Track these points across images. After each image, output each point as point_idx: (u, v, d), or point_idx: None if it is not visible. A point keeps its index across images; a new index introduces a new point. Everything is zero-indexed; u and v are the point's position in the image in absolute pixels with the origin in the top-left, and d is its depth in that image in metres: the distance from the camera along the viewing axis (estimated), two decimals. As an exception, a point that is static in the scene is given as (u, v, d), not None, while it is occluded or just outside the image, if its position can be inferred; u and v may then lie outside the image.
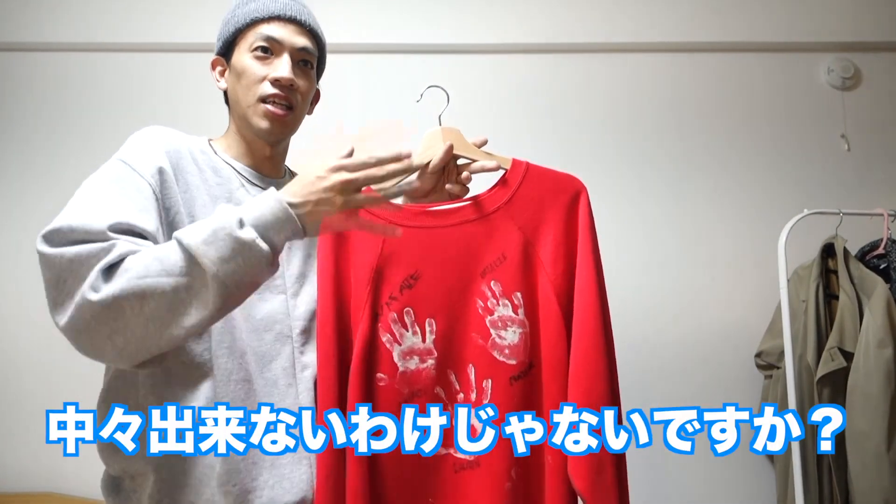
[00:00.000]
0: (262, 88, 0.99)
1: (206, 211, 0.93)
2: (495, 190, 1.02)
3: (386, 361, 0.97)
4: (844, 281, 1.63)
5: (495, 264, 0.99)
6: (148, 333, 0.78)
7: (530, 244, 0.99)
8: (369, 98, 2.05)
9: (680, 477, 1.90)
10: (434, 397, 0.97)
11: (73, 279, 0.78)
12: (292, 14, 1.02)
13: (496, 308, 0.98)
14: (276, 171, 1.08)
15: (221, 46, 1.06)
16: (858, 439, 1.52)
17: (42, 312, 0.86)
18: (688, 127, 2.06)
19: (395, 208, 1.01)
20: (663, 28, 2.06)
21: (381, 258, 0.99)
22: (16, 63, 2.03)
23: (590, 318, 0.95)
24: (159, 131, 0.98)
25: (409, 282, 0.99)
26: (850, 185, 2.02)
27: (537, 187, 1.01)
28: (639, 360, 1.94)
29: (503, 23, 2.06)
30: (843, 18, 2.06)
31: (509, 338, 0.97)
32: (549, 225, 0.99)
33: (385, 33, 2.04)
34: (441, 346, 0.98)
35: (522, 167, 1.03)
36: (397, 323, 0.98)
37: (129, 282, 0.76)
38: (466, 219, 1.01)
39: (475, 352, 0.98)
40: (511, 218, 1.00)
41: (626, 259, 1.98)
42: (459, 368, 0.98)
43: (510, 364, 0.96)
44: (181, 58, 2.03)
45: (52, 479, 1.80)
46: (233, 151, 1.05)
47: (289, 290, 1.00)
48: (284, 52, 1.01)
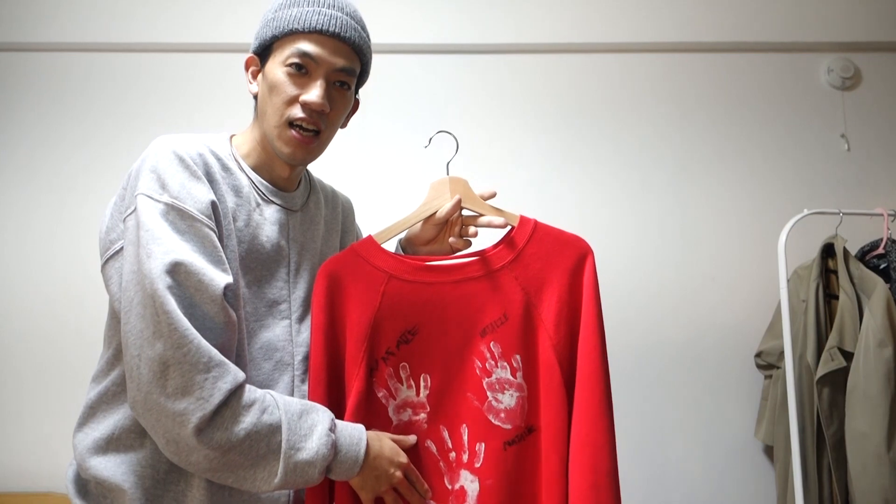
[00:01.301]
0: (291, 111, 0.93)
1: (231, 238, 0.91)
2: (501, 248, 1.00)
3: (381, 417, 0.97)
4: (844, 281, 1.63)
5: (496, 324, 0.97)
6: (210, 472, 0.82)
7: (533, 305, 0.97)
8: (369, 98, 2.04)
9: (680, 477, 1.90)
10: (426, 450, 0.96)
11: (179, 382, 0.78)
12: (335, 30, 0.94)
13: (494, 370, 0.96)
14: (292, 185, 1.04)
15: (258, 46, 0.98)
16: (858, 439, 1.52)
17: (42, 313, 0.85)
18: (688, 127, 2.06)
19: (395, 261, 0.99)
20: (663, 28, 2.06)
21: (378, 311, 0.97)
22: (16, 63, 2.03)
23: (595, 387, 0.92)
24: (187, 148, 0.89)
25: (407, 337, 0.98)
26: (850, 185, 2.02)
27: (544, 247, 0.99)
28: (639, 361, 1.94)
29: (503, 23, 2.06)
30: (843, 18, 2.06)
31: (506, 401, 0.95)
32: (553, 287, 0.96)
33: (385, 33, 2.04)
34: (434, 401, 0.97)
35: (530, 225, 1.00)
36: (392, 378, 0.97)
37: (224, 444, 0.79)
38: (469, 276, 0.98)
39: (469, 413, 0.96)
40: (515, 278, 0.97)
41: (626, 259, 1.98)
42: (452, 426, 0.97)
43: (505, 429, 0.95)
44: (182, 58, 2.03)
45: (52, 479, 1.80)
46: (252, 161, 1.00)
47: (294, 315, 0.98)
48: (320, 73, 0.93)
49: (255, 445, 0.80)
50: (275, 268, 0.97)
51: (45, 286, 1.91)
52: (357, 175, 1.95)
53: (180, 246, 0.81)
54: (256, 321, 0.94)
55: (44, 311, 1.90)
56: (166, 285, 0.79)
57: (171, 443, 0.79)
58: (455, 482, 0.95)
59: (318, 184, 1.14)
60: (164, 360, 0.77)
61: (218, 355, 0.80)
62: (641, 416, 1.92)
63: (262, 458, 0.81)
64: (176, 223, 0.83)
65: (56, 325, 1.88)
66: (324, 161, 1.06)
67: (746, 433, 1.91)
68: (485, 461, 0.94)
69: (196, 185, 0.87)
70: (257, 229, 0.96)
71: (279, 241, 0.98)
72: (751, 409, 1.92)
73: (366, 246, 1.01)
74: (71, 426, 0.93)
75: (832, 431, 1.60)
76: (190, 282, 0.80)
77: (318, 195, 1.11)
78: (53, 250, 1.93)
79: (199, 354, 0.78)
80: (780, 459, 1.72)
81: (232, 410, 0.80)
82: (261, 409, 0.82)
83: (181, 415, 0.77)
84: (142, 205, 0.84)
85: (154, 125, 1.98)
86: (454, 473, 0.96)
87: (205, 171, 0.89)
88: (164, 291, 0.78)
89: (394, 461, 0.91)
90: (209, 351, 0.79)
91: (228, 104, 1.82)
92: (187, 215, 0.84)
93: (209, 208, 0.86)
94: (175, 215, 0.83)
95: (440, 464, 0.96)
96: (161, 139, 0.91)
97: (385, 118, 2.02)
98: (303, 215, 1.05)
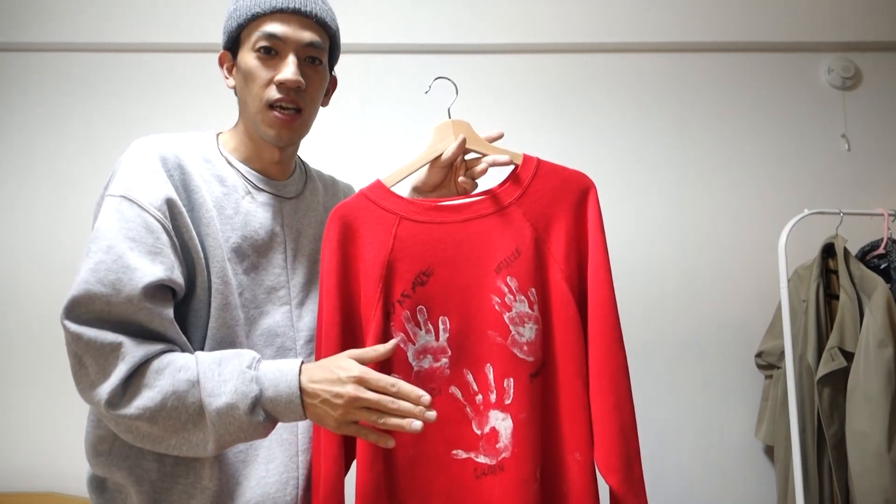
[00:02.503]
0: (268, 93, 0.94)
1: (211, 226, 0.92)
2: (507, 185, 1.00)
3: (400, 361, 0.95)
4: (845, 281, 1.63)
5: (510, 260, 0.96)
6: (152, 443, 0.84)
7: (541, 240, 0.98)
8: (369, 98, 2.05)
9: (680, 477, 1.90)
10: (449, 397, 0.95)
11: (94, 370, 0.81)
12: (296, 5, 0.94)
13: (514, 304, 0.95)
14: (284, 174, 1.05)
15: (227, 41, 1.00)
16: (859, 439, 1.52)
17: (41, 313, 0.86)
18: (688, 127, 2.05)
19: (405, 203, 0.99)
20: (663, 28, 2.06)
21: (392, 254, 0.96)
22: (16, 63, 2.03)
23: (607, 315, 0.95)
24: (157, 147, 0.92)
25: (422, 278, 0.96)
26: (851, 185, 2.02)
27: (548, 183, 1.00)
28: (639, 361, 1.94)
29: (503, 23, 2.06)
30: (843, 18, 2.06)
31: (527, 334, 0.95)
32: (560, 221, 0.98)
33: (385, 33, 2.04)
34: (455, 344, 0.95)
35: (534, 163, 1.02)
36: (410, 321, 0.96)
37: (143, 412, 0.80)
38: (479, 214, 0.98)
39: (493, 350, 0.95)
40: (524, 213, 0.98)
41: (626, 259, 1.98)
42: (477, 368, 0.95)
43: (529, 361, 0.94)
44: (181, 58, 2.03)
45: (52, 479, 1.80)
46: (240, 154, 1.01)
47: (294, 301, 0.99)
48: (289, 51, 0.94)
49: (178, 405, 0.80)
50: (271, 254, 0.98)
51: (45, 287, 1.91)
52: (357, 174, 1.95)
53: (117, 240, 0.84)
54: (256, 308, 0.95)
55: (44, 311, 1.90)
56: (84, 290, 0.81)
57: (112, 426, 0.83)
58: (484, 426, 0.94)
59: (314, 173, 1.15)
60: (77, 355, 0.82)
61: (117, 337, 0.81)
62: (642, 415, 1.91)
63: (190, 418, 0.81)
64: (123, 212, 0.85)
65: (56, 326, 1.87)
66: (324, 162, 1.06)
67: (746, 433, 1.91)
68: (515, 396, 0.93)
69: (152, 178, 0.88)
70: (248, 217, 0.96)
71: (273, 228, 0.99)
72: (751, 409, 1.92)
73: (375, 189, 1.00)
74: (72, 426, 0.94)
75: (833, 431, 1.60)
76: (108, 280, 0.82)
77: (315, 183, 1.12)
78: (54, 250, 1.94)
79: (98, 341, 0.80)
80: (781, 459, 1.72)
81: (141, 377, 0.81)
82: (176, 369, 0.82)
83: (96, 397, 0.80)
84: (102, 204, 0.88)
85: (155, 125, 1.98)
86: (482, 417, 0.94)
87: (175, 165, 0.91)
88: (82, 294, 0.81)
89: (339, 377, 0.81)
90: (107, 336, 0.81)
91: (230, 103, 1.82)
92: (136, 205, 0.86)
93: (163, 202, 0.87)
94: (125, 205, 0.86)
95: (467, 409, 0.95)
96: (136, 141, 0.93)
97: (385, 118, 2.03)
98: (298, 202, 1.05)
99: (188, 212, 0.90)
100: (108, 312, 0.81)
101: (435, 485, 0.93)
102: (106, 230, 0.84)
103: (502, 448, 0.93)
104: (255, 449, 0.92)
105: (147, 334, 0.83)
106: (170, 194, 0.88)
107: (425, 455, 0.93)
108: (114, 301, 0.81)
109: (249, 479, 0.90)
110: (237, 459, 0.91)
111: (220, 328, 0.90)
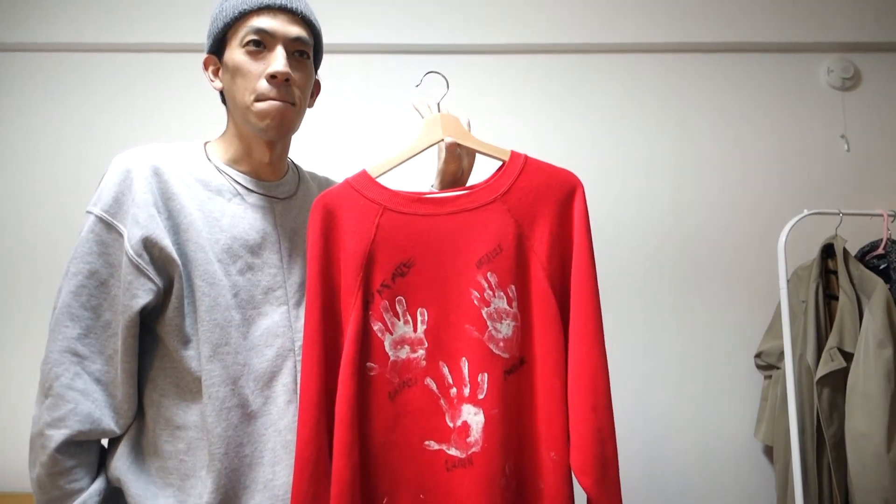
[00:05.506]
0: (258, 86, 0.95)
1: (192, 231, 0.92)
2: (493, 181, 1.01)
3: (377, 350, 0.95)
4: (844, 281, 1.63)
5: (491, 255, 0.97)
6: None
7: (525, 237, 0.97)
8: (369, 98, 2.05)
9: (680, 477, 1.90)
10: (424, 388, 0.95)
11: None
12: (282, 2, 0.96)
13: (492, 300, 0.96)
14: (276, 174, 1.05)
15: (212, 44, 1.00)
16: (858, 440, 1.52)
17: (41, 315, 0.88)
18: (687, 127, 2.06)
19: (390, 194, 0.99)
20: (663, 28, 2.06)
21: (373, 244, 0.96)
22: (16, 63, 2.03)
23: (589, 315, 0.95)
24: (136, 158, 0.95)
25: (402, 269, 0.97)
26: (850, 185, 2.02)
27: (534, 181, 1.00)
28: (638, 361, 1.95)
29: (503, 23, 2.06)
30: (843, 18, 2.06)
31: (504, 331, 0.95)
32: (545, 219, 0.98)
33: (385, 33, 2.04)
34: (432, 336, 0.96)
35: (521, 160, 1.02)
36: (388, 311, 0.96)
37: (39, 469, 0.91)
38: (464, 208, 0.99)
39: (469, 344, 0.95)
40: (508, 210, 0.98)
41: (625, 259, 1.98)
42: (452, 361, 0.96)
43: (504, 357, 0.94)
44: (181, 58, 2.03)
45: (52, 479, 1.80)
46: (230, 156, 1.02)
47: (290, 301, 0.99)
48: (278, 44, 0.96)
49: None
50: (265, 255, 0.99)
51: (45, 287, 1.91)
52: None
53: (91, 264, 0.90)
54: (254, 308, 0.95)
55: (44, 313, 1.89)
56: (64, 309, 0.89)
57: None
58: (456, 419, 0.94)
59: (308, 174, 1.15)
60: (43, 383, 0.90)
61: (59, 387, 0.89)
62: (642, 416, 1.92)
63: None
64: (100, 235, 0.91)
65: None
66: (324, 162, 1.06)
67: (746, 433, 1.91)
68: (488, 391, 0.93)
69: (132, 206, 0.92)
70: (236, 219, 0.97)
71: (265, 229, 0.99)
72: (751, 409, 1.92)
73: (360, 179, 1.01)
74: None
75: (832, 432, 1.60)
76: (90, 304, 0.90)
77: (309, 184, 1.12)
78: (54, 251, 1.94)
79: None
80: (780, 460, 1.72)
81: (55, 461, 0.88)
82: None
83: (39, 419, 0.91)
84: (85, 221, 0.93)
85: (155, 125, 1.98)
86: (455, 410, 0.95)
87: (153, 173, 0.94)
88: (61, 315, 0.89)
89: None
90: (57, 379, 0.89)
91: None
92: (113, 229, 0.91)
93: (137, 241, 0.90)
94: (101, 227, 0.91)
95: (441, 402, 0.95)
96: (118, 155, 0.96)
97: (385, 118, 2.03)
98: (291, 202, 1.05)
99: (164, 220, 0.91)
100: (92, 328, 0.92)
101: (407, 473, 0.94)
102: (79, 257, 0.92)
103: (472, 442, 0.93)
104: (259, 452, 0.92)
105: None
106: (147, 233, 0.91)
107: (399, 444, 0.94)
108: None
109: (256, 482, 0.91)
110: (242, 463, 0.91)
111: (213, 329, 0.90)
